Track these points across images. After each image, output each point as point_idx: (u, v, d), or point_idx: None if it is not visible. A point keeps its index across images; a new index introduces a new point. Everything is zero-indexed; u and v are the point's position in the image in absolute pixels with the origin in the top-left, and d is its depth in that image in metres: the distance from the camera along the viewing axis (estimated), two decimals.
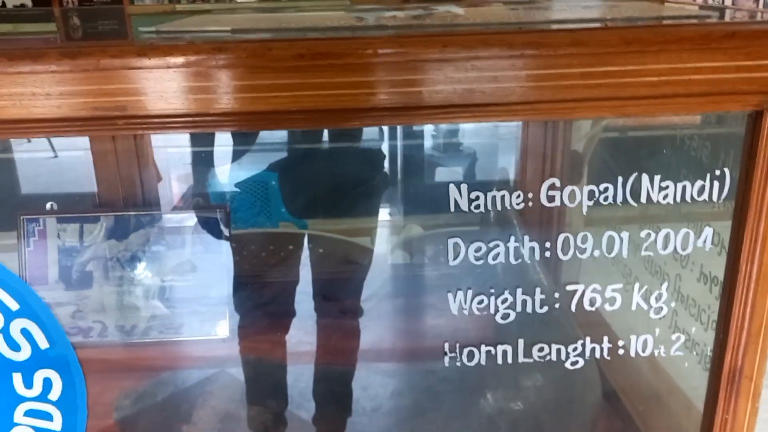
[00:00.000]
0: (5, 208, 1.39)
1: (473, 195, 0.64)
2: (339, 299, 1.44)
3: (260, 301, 1.42)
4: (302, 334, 1.37)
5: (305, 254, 1.50)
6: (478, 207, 0.64)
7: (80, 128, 0.59)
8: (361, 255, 1.44)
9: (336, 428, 1.28)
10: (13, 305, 0.66)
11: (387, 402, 1.24)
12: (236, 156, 1.58)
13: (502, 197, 0.64)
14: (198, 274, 1.39)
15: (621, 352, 0.72)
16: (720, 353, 0.71)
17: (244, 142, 1.57)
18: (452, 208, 0.64)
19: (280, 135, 1.52)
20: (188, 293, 1.39)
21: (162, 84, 0.57)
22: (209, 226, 1.40)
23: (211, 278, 1.37)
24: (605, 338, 0.71)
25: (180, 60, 0.56)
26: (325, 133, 1.51)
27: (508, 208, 0.64)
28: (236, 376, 1.35)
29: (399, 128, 3.52)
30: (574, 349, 0.71)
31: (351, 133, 1.48)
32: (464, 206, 0.64)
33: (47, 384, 0.69)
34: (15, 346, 0.67)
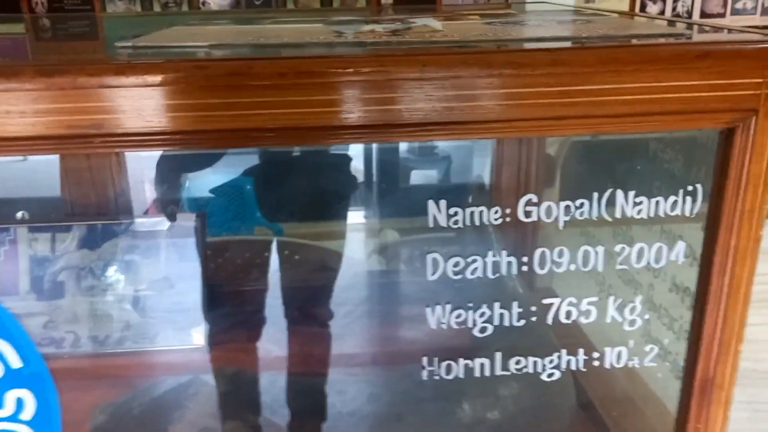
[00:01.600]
0: None
1: (452, 211, 0.64)
2: (310, 305, 1.44)
3: (232, 309, 1.41)
4: (274, 341, 1.37)
5: (275, 260, 1.49)
6: (456, 222, 0.65)
7: (55, 146, 0.58)
8: (331, 260, 1.44)
9: None
10: None
11: (362, 408, 1.24)
12: (211, 161, 1.57)
13: (480, 213, 0.65)
14: (172, 282, 1.38)
15: (596, 363, 0.73)
16: (692, 364, 0.72)
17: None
18: (431, 224, 0.64)
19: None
20: (162, 302, 1.38)
21: (140, 102, 0.57)
22: (184, 233, 1.38)
23: (186, 287, 1.36)
24: (580, 350, 0.72)
25: (159, 78, 0.56)
26: None
27: (486, 223, 0.65)
28: (211, 385, 1.34)
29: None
30: (551, 362, 0.72)
31: None
32: (443, 222, 0.65)
33: (19, 404, 0.68)
34: None
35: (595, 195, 0.65)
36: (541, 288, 0.76)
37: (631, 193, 0.65)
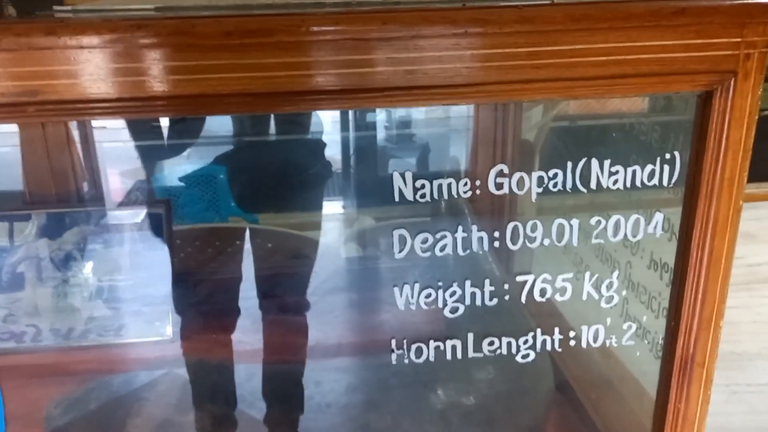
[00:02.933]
0: None
1: (418, 184, 0.61)
2: (284, 294, 1.40)
3: (203, 299, 1.36)
4: (247, 332, 1.33)
5: (248, 249, 1.45)
6: (423, 196, 0.61)
7: (7, 115, 0.54)
8: (306, 247, 1.40)
9: (288, 427, 1.25)
10: None
11: (340, 397, 1.20)
12: (179, 150, 1.52)
13: (449, 185, 0.61)
14: (138, 272, 1.33)
15: (572, 343, 0.70)
16: (671, 341, 0.70)
17: (188, 135, 1.52)
18: (397, 198, 0.60)
19: (226, 128, 1.47)
20: (128, 293, 1.33)
21: (76, 66, 0.52)
22: (150, 221, 1.34)
23: (152, 276, 1.31)
24: (556, 329, 0.69)
25: (95, 40, 0.51)
26: (272, 124, 1.47)
27: (455, 196, 0.61)
28: (182, 378, 1.30)
29: (351, 119, 3.49)
30: (525, 342, 0.68)
31: (297, 122, 1.44)
32: (409, 195, 0.61)
33: None
34: None
35: (569, 165, 0.62)
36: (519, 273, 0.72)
37: (607, 162, 0.62)
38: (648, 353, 0.81)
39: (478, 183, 0.61)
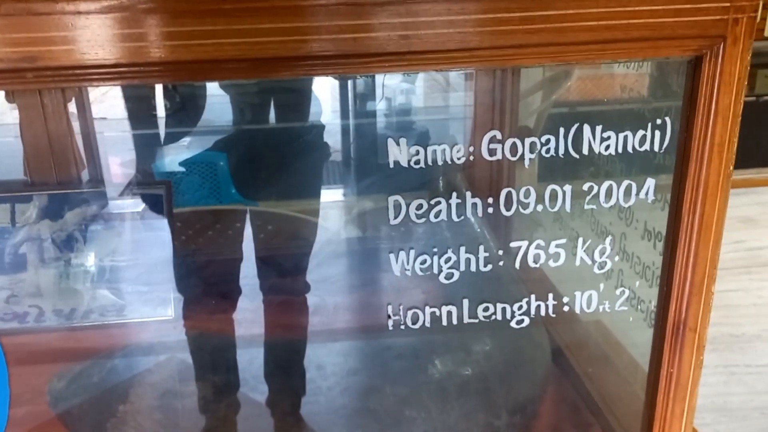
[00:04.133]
0: None
1: (413, 150, 0.62)
2: (285, 276, 1.42)
3: (204, 280, 1.38)
4: (250, 314, 1.34)
5: (248, 231, 1.46)
6: (417, 162, 0.62)
7: (6, 82, 0.55)
8: (306, 230, 1.41)
9: (291, 407, 1.26)
10: None
11: (342, 379, 1.21)
12: (178, 137, 1.54)
13: (443, 151, 0.62)
14: (140, 253, 1.34)
15: (566, 309, 0.71)
16: (663, 306, 0.71)
17: (187, 123, 1.54)
18: (391, 164, 0.61)
19: (226, 115, 1.48)
20: (130, 273, 1.34)
21: (74, 32, 0.53)
22: (151, 202, 1.35)
23: (154, 257, 1.33)
24: (550, 296, 0.70)
25: (92, 5, 0.52)
26: (271, 109, 1.48)
27: (449, 162, 0.62)
28: (183, 358, 1.32)
29: (351, 107, 3.52)
30: (519, 308, 0.69)
31: (296, 107, 1.45)
32: (404, 161, 0.62)
33: None
34: None
35: (562, 130, 0.62)
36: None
37: (599, 128, 0.63)
38: (642, 322, 0.82)
39: (471, 149, 0.62)
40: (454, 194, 0.64)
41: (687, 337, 0.70)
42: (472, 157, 0.63)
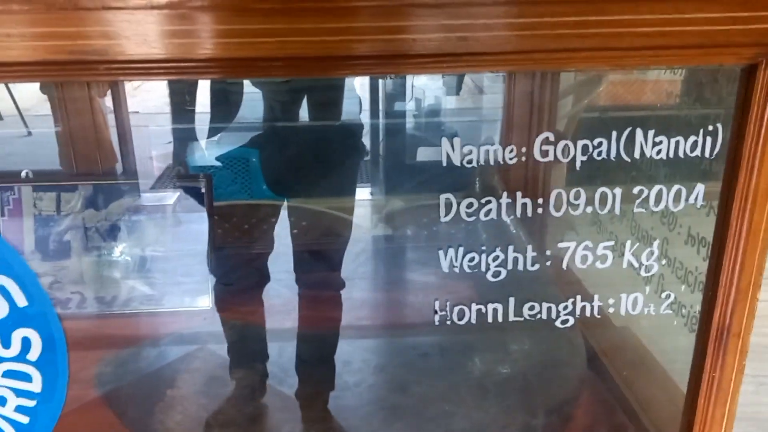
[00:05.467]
0: None
1: (466, 149, 0.63)
2: (319, 271, 1.43)
3: (241, 272, 1.40)
4: (282, 307, 1.36)
5: (286, 226, 1.48)
6: (470, 162, 0.63)
7: (57, 73, 0.57)
8: (340, 227, 1.43)
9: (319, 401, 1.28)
10: None
11: (383, 373, 1.22)
12: (213, 132, 1.56)
13: (495, 151, 0.63)
14: (178, 244, 1.37)
15: (611, 310, 0.72)
16: (708, 311, 0.71)
17: (223, 119, 1.57)
18: (444, 163, 0.63)
19: (259, 112, 1.50)
20: (169, 264, 1.37)
21: (144, 27, 0.55)
22: (191, 195, 1.37)
23: (191, 249, 1.35)
24: (596, 296, 0.70)
25: (163, 1, 0.54)
26: (304, 107, 1.50)
27: (501, 162, 0.63)
28: (218, 349, 1.34)
29: (381, 108, 3.53)
30: (565, 308, 0.70)
31: (331, 105, 1.46)
32: (456, 160, 0.63)
33: (26, 343, 0.67)
34: None
35: (614, 134, 0.63)
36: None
37: (651, 132, 0.63)
38: (683, 327, 0.82)
39: (523, 150, 0.63)
40: (505, 194, 0.65)
41: (731, 342, 0.70)
42: (524, 158, 0.64)
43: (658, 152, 0.64)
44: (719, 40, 0.60)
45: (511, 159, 0.64)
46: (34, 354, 0.68)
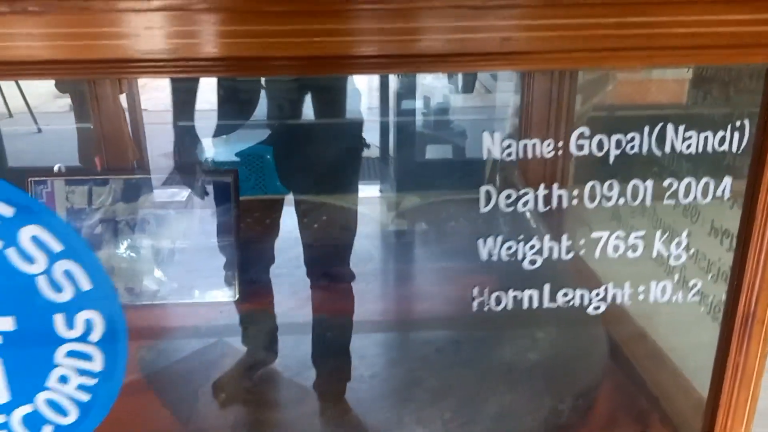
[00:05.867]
0: None
1: (506, 143, 0.67)
2: (329, 264, 1.46)
3: (265, 264, 1.43)
4: (299, 300, 1.39)
5: (305, 220, 1.51)
6: (510, 155, 0.67)
7: (79, 71, 0.61)
8: (347, 219, 1.46)
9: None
10: (57, 246, 0.68)
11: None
12: (225, 130, 1.61)
13: (533, 145, 0.67)
14: (206, 237, 1.41)
15: (641, 297, 0.75)
16: (733, 299, 0.74)
17: (238, 116, 1.61)
18: (485, 155, 0.66)
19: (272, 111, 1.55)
20: (196, 256, 1.41)
21: (216, 27, 0.59)
22: (219, 189, 1.41)
23: (220, 241, 1.39)
24: (627, 284, 0.74)
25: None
26: (309, 105, 1.54)
27: (539, 156, 0.67)
28: (243, 340, 1.38)
29: (392, 107, 3.56)
30: (597, 294, 0.74)
31: (335, 102, 1.50)
32: (497, 153, 0.67)
33: (89, 325, 0.71)
34: (58, 288, 0.69)
35: (646, 129, 0.67)
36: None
37: (681, 128, 0.67)
38: (705, 315, 0.86)
39: (560, 144, 0.67)
40: (542, 186, 0.68)
41: (755, 328, 0.74)
42: (560, 152, 0.67)
43: (688, 147, 0.67)
44: (748, 40, 0.64)
45: (549, 153, 0.67)
46: (96, 335, 0.71)
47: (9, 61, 0.59)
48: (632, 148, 0.68)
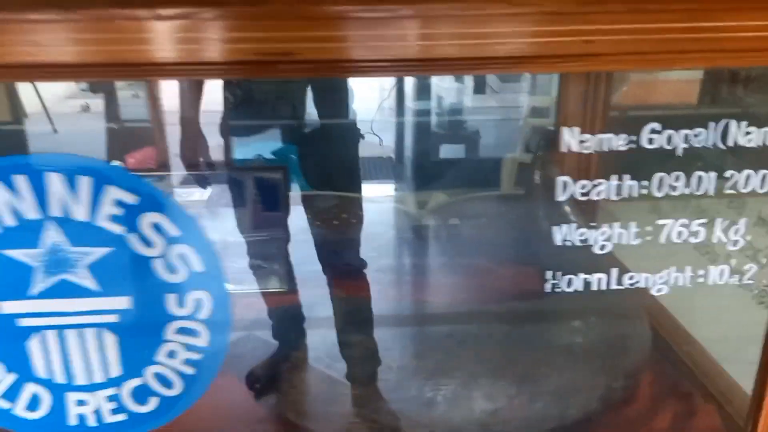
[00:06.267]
0: None
1: (583, 137, 0.73)
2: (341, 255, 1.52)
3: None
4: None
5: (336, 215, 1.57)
6: (587, 147, 0.73)
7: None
8: (355, 210, 1.52)
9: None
10: (174, 231, 0.74)
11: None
12: (256, 130, 1.69)
13: (609, 140, 0.73)
14: (257, 230, 1.47)
15: (701, 280, 0.82)
16: None
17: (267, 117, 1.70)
18: (564, 149, 0.73)
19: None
20: (245, 249, 1.47)
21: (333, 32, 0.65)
22: (269, 184, 1.47)
23: (272, 234, 1.45)
24: (688, 268, 0.80)
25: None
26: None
27: (614, 148, 0.73)
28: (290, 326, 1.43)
29: (409, 106, 3.63)
30: (661, 278, 0.80)
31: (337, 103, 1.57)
32: (575, 146, 0.73)
33: (198, 304, 0.77)
34: (173, 270, 0.75)
35: (712, 125, 0.73)
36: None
37: (744, 123, 0.73)
38: (750, 300, 0.93)
39: (633, 138, 0.73)
40: (614, 176, 0.75)
41: None
42: (633, 146, 0.74)
43: (750, 141, 0.74)
44: None
45: (621, 146, 0.74)
46: (204, 313, 0.78)
47: (44, 63, 0.64)
48: (699, 142, 0.74)
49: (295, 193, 1.54)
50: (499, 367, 0.92)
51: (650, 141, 0.74)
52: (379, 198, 2.24)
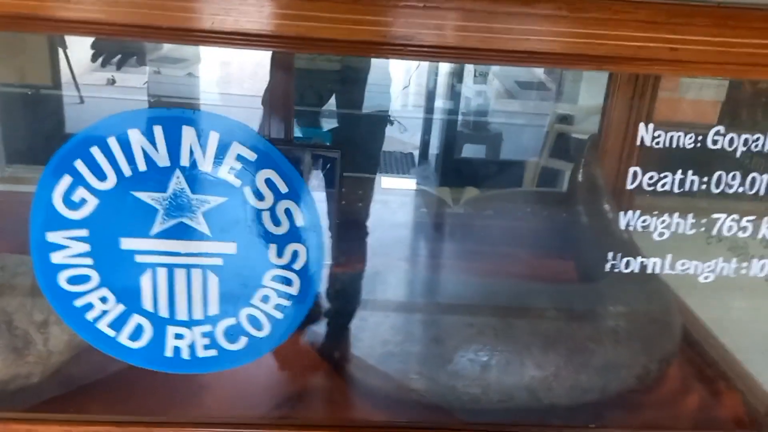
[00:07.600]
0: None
1: (656, 133, 0.82)
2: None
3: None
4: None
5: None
6: (658, 143, 0.82)
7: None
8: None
9: None
10: (283, 188, 0.82)
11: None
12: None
13: (678, 137, 0.82)
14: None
15: (743, 272, 0.90)
16: None
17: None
18: (638, 142, 0.81)
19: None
20: None
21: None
22: (324, 165, 1.55)
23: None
24: (734, 259, 0.89)
25: None
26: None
27: (681, 146, 0.82)
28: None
29: (438, 105, 3.74)
30: (708, 266, 0.89)
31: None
32: (648, 141, 0.82)
33: (295, 255, 0.86)
34: (277, 222, 0.84)
35: None
36: None
37: None
38: None
39: (700, 137, 0.82)
40: (679, 171, 0.84)
41: None
42: (698, 145, 0.82)
43: None
44: None
45: (689, 144, 0.82)
46: (298, 264, 0.86)
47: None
48: (757, 147, 0.83)
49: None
50: (550, 340, 1.00)
51: (714, 142, 0.82)
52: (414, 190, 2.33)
